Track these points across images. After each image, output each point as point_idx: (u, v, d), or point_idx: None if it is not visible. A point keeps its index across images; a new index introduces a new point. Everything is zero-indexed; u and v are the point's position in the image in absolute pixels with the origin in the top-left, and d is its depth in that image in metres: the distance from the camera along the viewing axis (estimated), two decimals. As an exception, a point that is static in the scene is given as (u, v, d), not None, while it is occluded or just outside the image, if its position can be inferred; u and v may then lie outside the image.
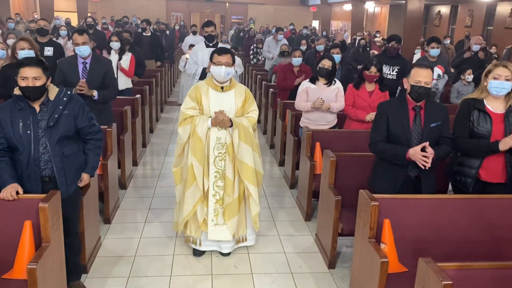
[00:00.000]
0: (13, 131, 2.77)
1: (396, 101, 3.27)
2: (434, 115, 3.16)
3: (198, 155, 3.42)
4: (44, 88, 2.81)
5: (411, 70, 3.14)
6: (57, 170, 2.84)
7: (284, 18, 23.97)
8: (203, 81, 3.58)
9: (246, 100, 3.54)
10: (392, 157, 3.16)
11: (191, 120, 3.43)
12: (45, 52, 5.98)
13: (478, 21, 15.32)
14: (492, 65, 3.22)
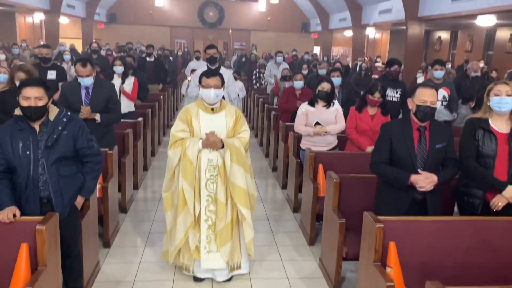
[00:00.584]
0: (13, 152, 2.75)
1: (400, 122, 3.24)
2: (439, 136, 3.12)
3: (189, 178, 3.32)
4: (46, 109, 2.80)
5: (416, 90, 3.11)
6: (53, 191, 2.80)
7: (286, 44, 24.25)
8: (193, 103, 3.54)
9: (237, 120, 3.48)
10: (393, 181, 3.12)
11: (182, 142, 3.36)
12: (48, 75, 6.05)
13: (478, 46, 15.46)
14: (492, 84, 3.21)
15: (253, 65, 13.23)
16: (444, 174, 3.09)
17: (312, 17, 23.17)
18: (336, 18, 18.94)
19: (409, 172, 3.06)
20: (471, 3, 9.38)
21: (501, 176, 3.12)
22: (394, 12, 13.24)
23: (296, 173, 5.26)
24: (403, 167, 3.09)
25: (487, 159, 3.14)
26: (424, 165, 3.07)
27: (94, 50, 9.39)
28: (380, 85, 4.74)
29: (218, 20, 23.59)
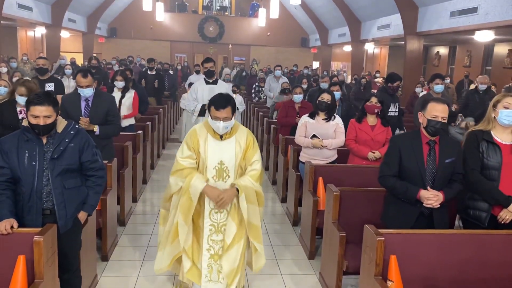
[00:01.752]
0: (18, 162, 2.74)
1: (410, 136, 3.21)
2: (449, 151, 3.11)
3: (185, 214, 3.14)
4: (54, 125, 2.80)
5: (428, 105, 3.08)
6: (57, 203, 2.77)
7: (285, 59, 24.41)
8: (202, 125, 3.25)
9: (248, 148, 3.22)
10: (402, 195, 3.10)
11: (186, 174, 3.14)
12: (46, 88, 6.05)
13: (476, 61, 15.56)
14: (500, 96, 3.21)
15: (253, 79, 13.29)
16: (451, 191, 3.09)
17: (312, 32, 23.36)
18: (336, 33, 19.09)
19: (418, 186, 3.05)
20: (469, 18, 9.47)
21: (508, 188, 3.11)
22: (392, 28, 13.35)
23: (296, 186, 5.24)
24: (412, 181, 3.08)
25: (493, 171, 3.13)
26: (433, 180, 3.06)
27: (94, 66, 9.45)
28: (378, 93, 4.77)
29: (218, 35, 23.77)
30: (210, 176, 3.17)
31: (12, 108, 4.35)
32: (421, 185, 3.05)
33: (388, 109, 6.32)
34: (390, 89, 6.32)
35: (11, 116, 4.35)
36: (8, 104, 4.36)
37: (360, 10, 15.35)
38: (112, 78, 6.27)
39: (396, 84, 6.37)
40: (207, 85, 5.54)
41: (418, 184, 3.05)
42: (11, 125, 4.33)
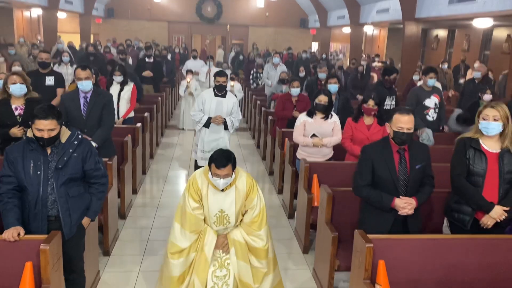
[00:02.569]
0: (24, 172, 2.86)
1: (380, 145, 3.33)
2: (419, 156, 3.25)
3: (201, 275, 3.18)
4: (58, 136, 2.90)
5: (393, 116, 3.20)
6: (62, 211, 2.90)
7: (284, 40, 24.26)
8: (202, 174, 3.19)
9: (248, 192, 3.20)
10: (377, 204, 3.25)
11: (198, 230, 3.18)
12: (46, 81, 6.11)
13: (475, 46, 15.52)
14: (482, 106, 3.31)
15: (251, 64, 13.31)
16: (423, 196, 3.25)
17: (311, 13, 23.14)
18: (335, 15, 18.95)
19: (392, 194, 3.20)
20: (467, 6, 9.45)
21: (491, 194, 3.24)
22: (391, 12, 13.28)
23: (291, 181, 5.37)
24: (386, 190, 3.23)
25: (477, 177, 3.26)
26: (406, 187, 3.21)
27: (91, 53, 9.45)
28: (374, 94, 4.84)
29: (216, 15, 23.54)
30: (212, 222, 3.21)
31: (8, 107, 4.37)
32: (394, 193, 3.20)
33: (384, 102, 6.42)
34: (387, 82, 6.40)
35: (7, 114, 4.37)
36: (3, 103, 4.39)
37: (360, -8, 15.26)
38: (110, 73, 6.32)
39: (393, 77, 6.46)
40: (215, 98, 5.51)
41: (392, 192, 3.21)
42: (8, 122, 4.40)
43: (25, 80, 4.40)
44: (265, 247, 3.24)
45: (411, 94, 6.44)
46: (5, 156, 2.91)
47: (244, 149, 8.70)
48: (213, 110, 5.51)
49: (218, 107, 5.53)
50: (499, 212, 3.20)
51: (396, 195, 3.21)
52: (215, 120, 5.51)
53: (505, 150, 3.24)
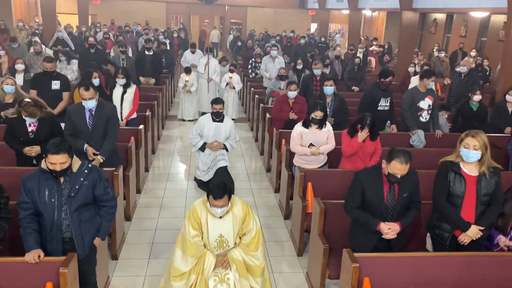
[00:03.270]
0: (40, 199, 3.14)
1: (372, 172, 3.59)
2: (407, 186, 3.53)
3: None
4: (69, 167, 3.17)
5: (392, 161, 3.42)
6: (75, 234, 3.20)
7: (282, 21, 24.18)
8: (201, 204, 3.52)
9: (245, 217, 3.53)
10: (364, 225, 3.57)
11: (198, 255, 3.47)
12: (52, 86, 6.31)
13: (472, 31, 15.58)
14: (464, 134, 3.57)
15: (250, 51, 13.43)
16: (407, 220, 3.56)
17: (310, -6, 23.05)
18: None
19: (379, 218, 3.51)
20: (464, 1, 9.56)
21: (468, 214, 3.55)
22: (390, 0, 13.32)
23: (287, 184, 5.66)
24: (373, 213, 3.54)
25: (456, 198, 3.56)
26: (393, 214, 3.52)
27: (91, 44, 9.58)
28: (369, 119, 4.98)
29: (215, -5, 23.42)
30: (212, 247, 3.54)
31: (22, 123, 4.71)
32: (381, 217, 3.52)
33: (378, 104, 6.66)
34: (383, 84, 6.62)
35: (22, 130, 4.72)
36: (18, 119, 4.71)
37: (358, -23, 15.22)
38: (114, 75, 6.52)
39: (389, 79, 6.66)
40: (213, 123, 5.92)
41: (379, 217, 3.52)
42: (21, 138, 4.72)
43: (33, 115, 4.63)
44: (261, 265, 3.57)
45: (407, 95, 6.68)
46: (23, 185, 3.18)
47: (243, 142, 8.95)
48: (211, 136, 5.93)
49: (216, 132, 5.93)
50: (475, 231, 3.52)
51: (382, 219, 3.52)
52: (211, 146, 5.91)
53: (482, 174, 3.53)
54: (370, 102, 6.61)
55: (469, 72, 8.33)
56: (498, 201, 3.57)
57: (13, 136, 4.71)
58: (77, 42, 13.82)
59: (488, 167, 3.53)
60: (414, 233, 4.08)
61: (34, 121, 4.62)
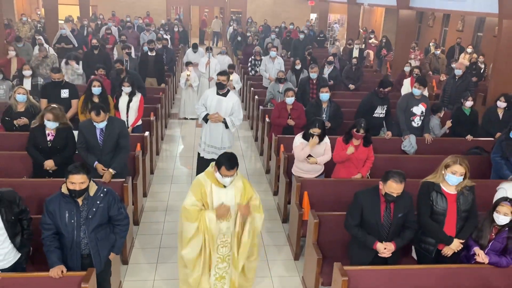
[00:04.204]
0: (61, 221, 3.50)
1: (371, 193, 3.93)
2: (402, 207, 3.87)
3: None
4: (87, 189, 3.53)
5: (388, 181, 3.75)
6: (93, 252, 3.58)
7: (282, 11, 24.30)
8: (205, 176, 3.91)
9: (244, 188, 3.95)
10: (362, 243, 3.93)
11: (196, 216, 3.81)
12: (62, 94, 6.64)
13: (469, 26, 15.77)
14: (451, 161, 3.89)
15: (250, 48, 13.67)
16: (402, 241, 3.92)
17: (309, -16, 23.10)
18: (333, -10, 19.03)
19: (375, 235, 3.87)
20: (458, 3, 9.78)
21: (450, 229, 3.94)
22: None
23: (285, 191, 6.02)
24: (371, 231, 3.89)
25: (439, 216, 3.94)
26: (388, 232, 3.87)
27: (94, 46, 9.85)
28: (364, 122, 5.37)
29: (214, -14, 23.47)
30: None
31: (42, 132, 5.16)
32: (377, 235, 3.87)
33: (374, 111, 6.96)
34: (381, 93, 6.95)
35: (42, 139, 5.16)
36: (38, 128, 5.16)
37: (357, -27, 15.35)
38: (120, 83, 6.81)
39: (387, 89, 6.97)
40: (216, 96, 6.21)
41: (375, 235, 3.87)
42: (40, 146, 5.13)
43: (57, 117, 5.10)
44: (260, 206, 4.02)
45: (403, 99, 7.02)
46: (45, 207, 3.54)
47: (243, 142, 9.30)
48: (213, 107, 6.20)
49: (218, 105, 6.20)
50: (457, 244, 3.92)
51: (379, 237, 3.87)
52: (211, 117, 6.17)
53: (460, 192, 3.91)
54: (368, 108, 6.94)
55: (463, 74, 8.60)
56: (474, 216, 3.97)
57: (35, 145, 5.10)
58: (80, 38, 14.03)
59: (465, 186, 3.90)
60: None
61: (54, 128, 5.06)
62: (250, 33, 18.08)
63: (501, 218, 3.74)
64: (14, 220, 3.55)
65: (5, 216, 3.47)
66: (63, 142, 5.21)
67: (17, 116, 6.27)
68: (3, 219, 3.47)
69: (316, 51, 16.36)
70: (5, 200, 3.48)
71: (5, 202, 3.47)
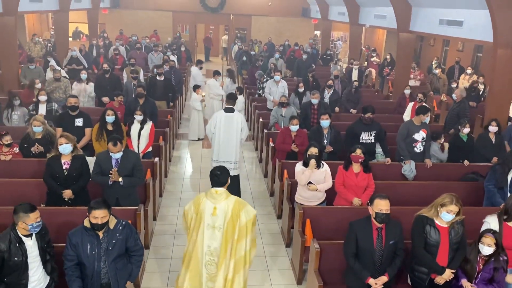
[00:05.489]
0: (83, 252, 3.83)
1: (364, 222, 4.25)
2: (392, 234, 4.18)
3: None
4: (107, 222, 3.85)
5: (374, 201, 4.12)
6: (112, 281, 3.90)
7: (286, 30, 24.77)
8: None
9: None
10: (357, 274, 4.21)
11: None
12: (76, 123, 6.99)
13: (469, 47, 16.12)
14: (447, 201, 4.18)
15: (255, 69, 14.07)
16: (393, 270, 4.21)
17: (313, 3, 23.53)
18: (336, 10, 19.44)
19: (369, 262, 4.17)
20: (455, 30, 10.12)
21: (442, 260, 4.23)
22: (388, 20, 13.87)
23: (289, 216, 6.31)
24: (365, 259, 4.19)
25: (432, 247, 4.24)
26: (382, 258, 4.16)
27: (106, 70, 10.25)
28: (360, 146, 5.72)
29: (220, 5, 23.99)
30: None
31: (58, 162, 5.47)
32: (371, 263, 4.16)
33: (360, 137, 7.25)
34: (365, 119, 7.27)
35: (58, 168, 5.47)
36: (55, 158, 5.49)
37: (358, -5, 15.79)
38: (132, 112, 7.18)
39: (368, 115, 7.26)
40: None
41: (370, 261, 4.16)
42: (57, 175, 5.44)
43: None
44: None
45: (403, 127, 7.33)
46: (68, 240, 3.87)
47: (248, 163, 9.62)
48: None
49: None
50: (448, 274, 4.21)
51: (373, 264, 4.17)
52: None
53: (451, 226, 4.21)
54: (352, 136, 7.27)
55: (460, 102, 8.92)
56: (463, 247, 4.28)
57: (51, 175, 5.42)
58: (89, 59, 14.48)
59: (456, 221, 4.20)
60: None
61: (69, 153, 5.43)
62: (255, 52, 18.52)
63: (485, 248, 4.07)
64: (45, 247, 3.91)
65: (40, 243, 3.84)
66: (78, 171, 5.52)
67: (34, 143, 6.65)
68: (38, 247, 3.83)
69: (320, 69, 16.79)
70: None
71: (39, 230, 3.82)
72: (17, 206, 3.79)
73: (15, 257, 3.71)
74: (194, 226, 4.26)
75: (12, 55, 11.88)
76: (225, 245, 4.19)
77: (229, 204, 4.23)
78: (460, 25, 9.80)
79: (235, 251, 4.20)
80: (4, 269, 3.72)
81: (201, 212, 4.24)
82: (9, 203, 5.66)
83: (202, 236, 4.24)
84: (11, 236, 3.73)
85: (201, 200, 4.31)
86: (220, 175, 4.25)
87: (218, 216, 4.21)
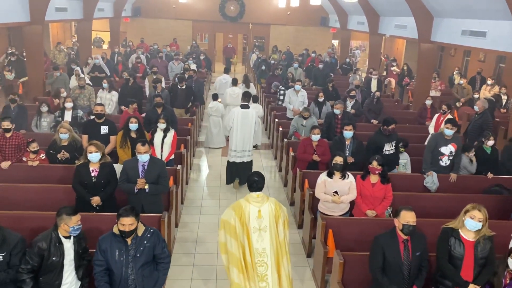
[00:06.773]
0: (111, 258, 3.91)
1: (389, 235, 4.24)
2: (418, 246, 4.17)
3: None
4: (135, 229, 3.93)
5: (400, 212, 4.12)
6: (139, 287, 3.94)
7: (304, 38, 24.84)
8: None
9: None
10: None
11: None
12: (101, 130, 7.13)
13: (491, 57, 15.94)
14: (470, 206, 4.17)
15: (273, 78, 14.14)
16: (421, 281, 4.21)
17: (331, 12, 23.55)
18: (355, 20, 19.43)
19: (398, 275, 4.14)
20: (478, 40, 10.05)
21: (467, 274, 4.18)
22: (409, 29, 13.81)
23: (310, 226, 6.31)
24: (393, 272, 4.17)
25: (457, 260, 4.19)
26: (409, 270, 4.14)
27: (127, 79, 10.47)
28: (378, 157, 5.71)
29: (239, 14, 24.21)
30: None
31: (87, 169, 5.59)
32: (400, 275, 4.14)
33: (383, 149, 7.21)
34: (386, 131, 7.23)
35: (86, 175, 5.59)
36: (83, 166, 5.60)
37: (378, 5, 15.74)
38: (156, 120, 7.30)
39: (391, 127, 7.23)
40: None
41: (398, 274, 4.14)
42: (85, 182, 5.56)
43: (99, 148, 5.55)
44: None
45: (432, 139, 7.27)
46: (98, 246, 3.95)
47: (267, 172, 9.64)
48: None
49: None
50: None
51: (401, 276, 4.15)
52: None
53: (478, 241, 4.16)
54: (375, 148, 7.19)
55: (482, 113, 8.82)
56: (492, 264, 4.20)
57: (79, 181, 5.53)
58: (111, 67, 14.75)
59: (484, 235, 4.15)
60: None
61: (97, 161, 5.54)
62: (274, 61, 18.61)
63: None
64: (81, 252, 4.05)
65: (76, 248, 4.00)
66: (106, 178, 5.61)
67: (60, 150, 6.79)
68: (74, 250, 3.97)
69: (339, 78, 16.78)
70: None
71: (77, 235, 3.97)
72: (61, 209, 4.02)
73: (53, 256, 3.93)
74: (238, 232, 4.30)
75: (39, 63, 12.19)
76: (275, 244, 4.36)
77: (271, 205, 4.40)
78: (484, 35, 9.72)
79: (284, 247, 4.39)
80: (41, 268, 3.94)
81: (246, 217, 4.32)
82: (37, 208, 5.85)
83: (250, 239, 4.31)
84: (52, 237, 3.95)
85: (243, 206, 4.36)
86: (258, 181, 4.40)
87: (263, 218, 4.34)
